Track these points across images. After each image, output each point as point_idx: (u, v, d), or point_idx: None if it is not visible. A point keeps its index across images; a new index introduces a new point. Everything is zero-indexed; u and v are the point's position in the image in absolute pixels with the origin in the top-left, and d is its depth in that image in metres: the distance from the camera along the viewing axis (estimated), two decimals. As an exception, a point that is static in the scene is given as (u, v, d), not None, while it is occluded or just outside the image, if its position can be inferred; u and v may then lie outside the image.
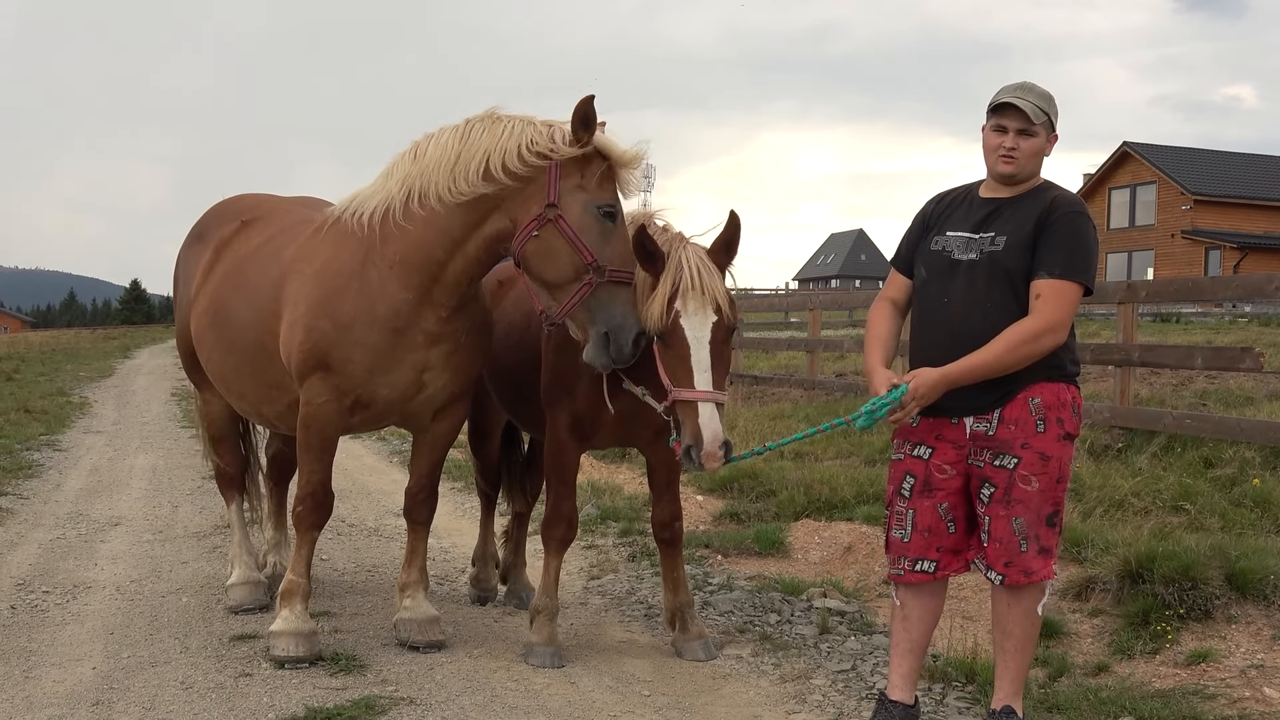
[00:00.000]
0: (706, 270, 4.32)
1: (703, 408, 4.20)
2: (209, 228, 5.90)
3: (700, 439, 4.18)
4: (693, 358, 4.25)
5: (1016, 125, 3.82)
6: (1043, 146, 3.86)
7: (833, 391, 13.96)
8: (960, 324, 3.83)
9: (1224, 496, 7.17)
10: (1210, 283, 10.50)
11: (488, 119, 4.60)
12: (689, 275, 4.28)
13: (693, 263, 4.32)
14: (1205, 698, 4.48)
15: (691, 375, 4.24)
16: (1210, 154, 48.45)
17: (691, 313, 4.26)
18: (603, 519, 8.08)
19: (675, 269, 4.30)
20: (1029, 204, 3.85)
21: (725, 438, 4.20)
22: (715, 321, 4.29)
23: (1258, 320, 27.17)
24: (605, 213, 4.40)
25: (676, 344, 4.27)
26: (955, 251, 3.91)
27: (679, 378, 4.28)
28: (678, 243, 4.44)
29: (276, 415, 5.32)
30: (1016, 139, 3.82)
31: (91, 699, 4.46)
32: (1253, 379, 11.67)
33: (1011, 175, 3.86)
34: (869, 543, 6.97)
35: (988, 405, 3.83)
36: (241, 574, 5.83)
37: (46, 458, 11.60)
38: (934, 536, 3.95)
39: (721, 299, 4.31)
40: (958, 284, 3.88)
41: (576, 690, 4.63)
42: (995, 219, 3.87)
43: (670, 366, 4.31)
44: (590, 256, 4.34)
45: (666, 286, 4.28)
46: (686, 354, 4.26)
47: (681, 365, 4.26)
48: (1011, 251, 3.79)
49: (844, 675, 4.87)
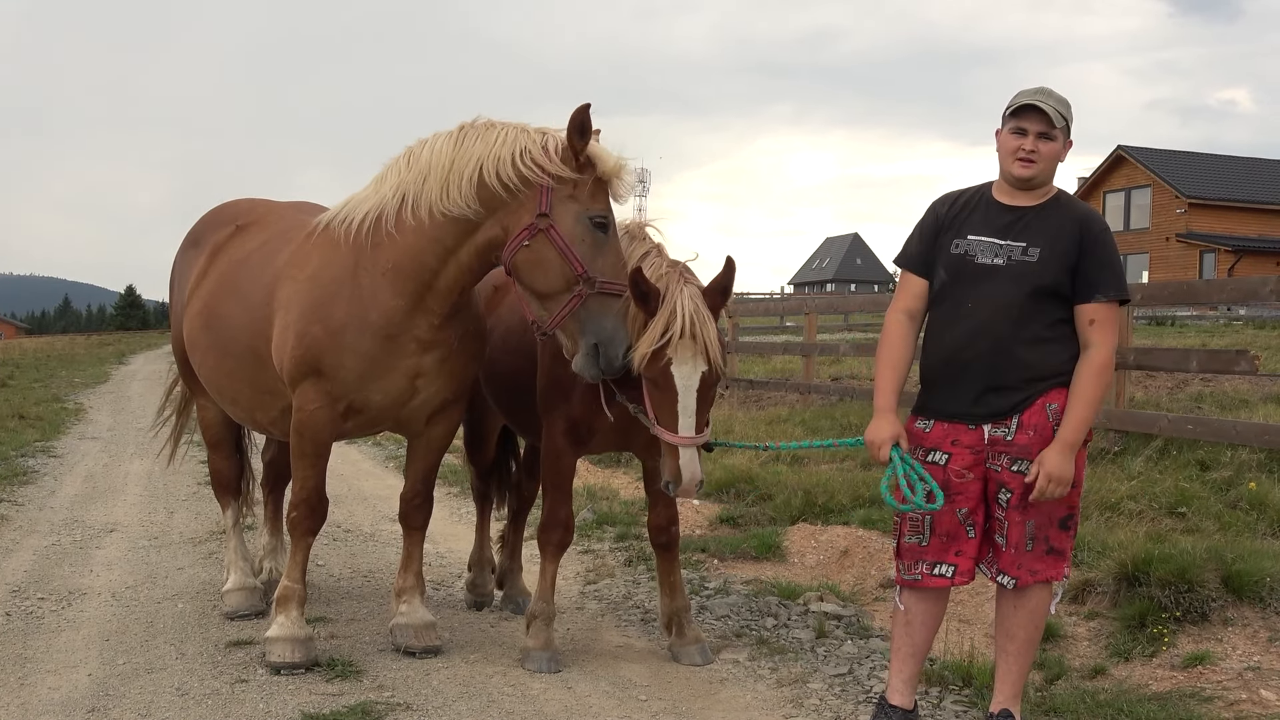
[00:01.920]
0: (700, 318, 4.34)
1: (683, 451, 4.33)
2: (204, 233, 5.90)
3: (678, 479, 4.34)
4: (679, 403, 4.33)
5: (1038, 128, 3.80)
6: (1059, 151, 3.86)
7: (828, 396, 13.95)
8: (985, 328, 3.81)
9: (1220, 499, 7.17)
10: (1205, 286, 10.52)
11: (482, 126, 4.59)
12: (682, 322, 4.29)
13: (687, 309, 4.32)
14: (1202, 700, 4.48)
15: (676, 420, 4.33)
16: (1205, 157, 48.58)
17: (681, 361, 4.31)
18: (599, 524, 8.08)
19: (669, 314, 4.31)
20: (1056, 216, 3.84)
21: (700, 477, 4.38)
22: (705, 371, 4.35)
23: (1252, 323, 27.21)
24: (597, 223, 4.38)
25: (665, 388, 4.34)
26: (979, 255, 3.87)
27: (663, 419, 4.37)
28: (675, 281, 4.43)
29: (270, 421, 5.31)
30: (1036, 142, 3.81)
31: (87, 706, 4.45)
32: (1248, 382, 11.68)
33: (1029, 179, 3.85)
34: (865, 547, 6.97)
35: (1007, 411, 3.82)
36: (237, 580, 5.82)
37: (41, 464, 11.57)
38: (953, 541, 3.93)
39: (713, 350, 4.35)
40: (984, 289, 3.84)
41: (573, 695, 4.63)
42: (1022, 229, 3.84)
43: (656, 404, 4.39)
44: (581, 268, 4.33)
45: (658, 331, 4.29)
46: (673, 400, 4.33)
47: (667, 409, 4.35)
48: (1047, 265, 3.78)
49: (841, 679, 4.87)
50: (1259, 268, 39.97)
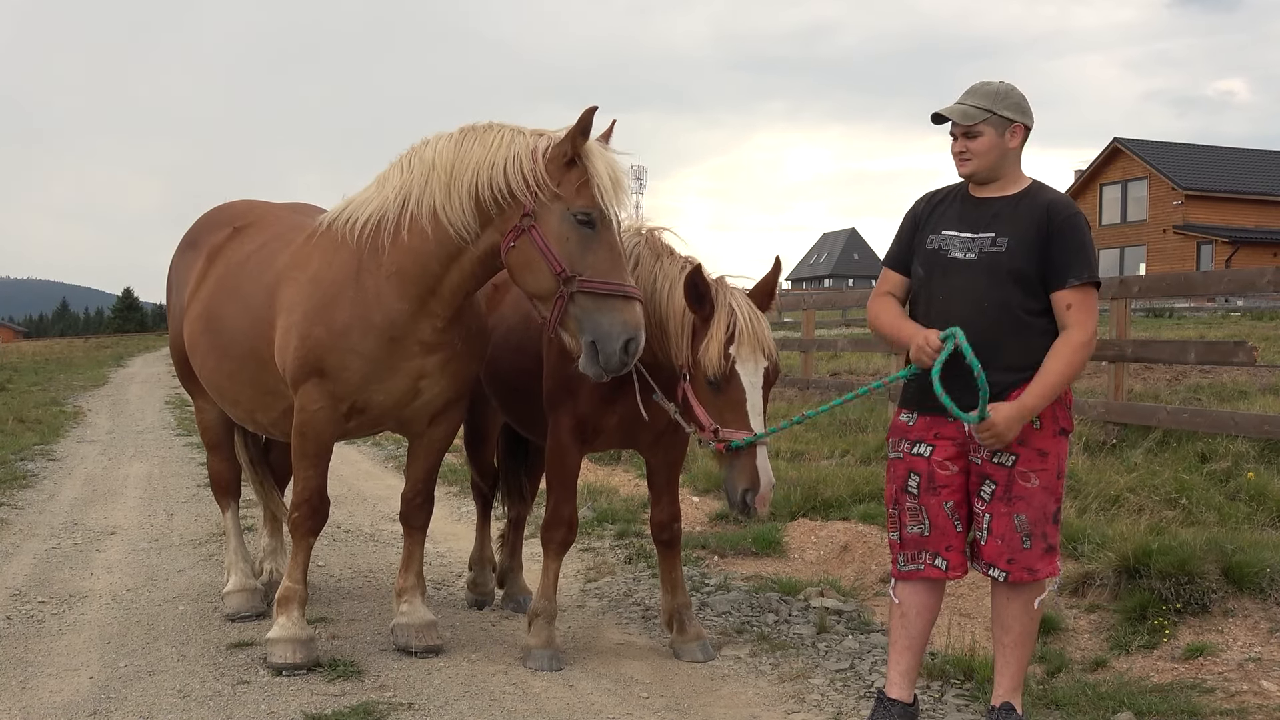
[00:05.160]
0: (756, 317, 4.38)
1: (760, 452, 4.27)
2: (201, 235, 5.89)
3: (758, 483, 4.25)
4: (748, 403, 4.30)
5: (958, 130, 3.94)
6: (996, 141, 3.90)
7: (827, 391, 13.95)
8: (959, 322, 3.84)
9: (1219, 490, 7.18)
10: (1202, 278, 10.53)
11: (481, 128, 4.57)
12: (743, 322, 4.32)
13: (744, 309, 4.36)
14: (1203, 692, 4.49)
15: (747, 419, 4.29)
16: (1201, 149, 48.54)
17: (745, 359, 4.31)
18: (599, 521, 8.08)
19: (728, 314, 4.33)
20: (1025, 206, 3.89)
21: (774, 480, 4.32)
22: (767, 368, 4.36)
23: (1250, 314, 27.22)
24: (581, 220, 4.31)
25: (732, 389, 4.31)
26: (952, 250, 3.94)
27: (730, 420, 4.31)
28: (722, 287, 4.46)
29: (271, 422, 5.31)
30: (963, 142, 3.93)
31: (89, 709, 4.45)
32: (1246, 373, 11.67)
33: (970, 175, 3.97)
34: (865, 542, 6.98)
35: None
36: (238, 581, 5.81)
37: (41, 467, 11.57)
38: (943, 535, 3.96)
39: (771, 346, 4.38)
40: (956, 282, 3.91)
41: (575, 693, 4.63)
42: (993, 220, 3.90)
43: (719, 408, 4.34)
44: (559, 266, 4.28)
45: (721, 332, 4.30)
46: (742, 399, 4.30)
47: (736, 410, 4.31)
48: (1014, 254, 3.82)
49: (842, 674, 4.87)
50: (1256, 259, 39.96)
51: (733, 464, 4.31)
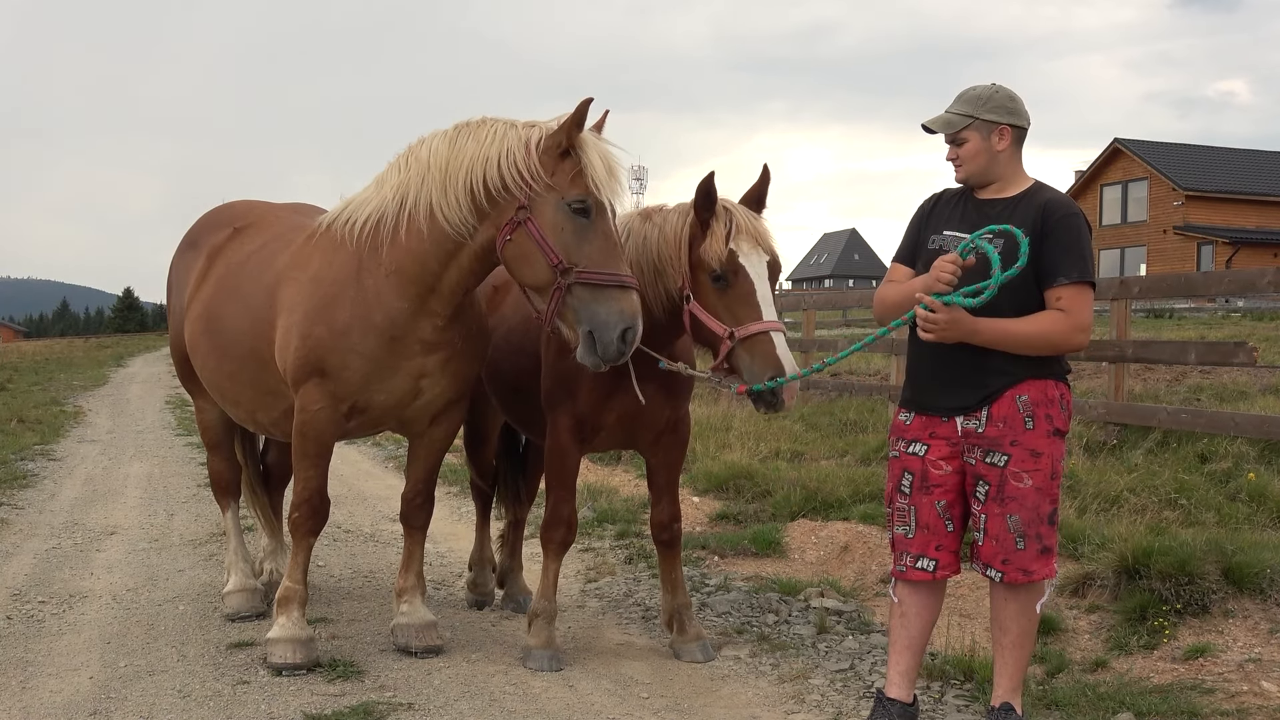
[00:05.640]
0: (753, 216, 4.52)
1: (776, 337, 4.29)
2: (201, 235, 5.89)
3: (782, 368, 4.24)
4: (757, 293, 4.36)
5: (946, 138, 4.00)
6: (982, 145, 3.93)
7: (828, 392, 13.96)
8: None
9: (1219, 491, 7.18)
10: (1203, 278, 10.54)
11: (475, 124, 4.59)
12: (740, 219, 4.44)
13: (739, 209, 4.49)
14: (1203, 692, 4.49)
15: (759, 309, 4.34)
16: (1202, 149, 48.54)
17: (747, 251, 4.40)
18: (599, 521, 8.08)
19: (726, 215, 4.44)
20: (1024, 206, 3.91)
21: (797, 368, 4.28)
22: (769, 260, 4.46)
23: (1250, 315, 27.22)
24: (576, 209, 4.31)
25: (740, 282, 4.37)
26: (951, 250, 3.93)
27: (743, 315, 4.35)
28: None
29: (271, 422, 5.31)
30: (953, 149, 3.99)
31: (89, 708, 4.45)
32: (1246, 374, 11.68)
33: (965, 180, 4.03)
34: (865, 542, 6.98)
35: (975, 403, 3.87)
36: (238, 581, 5.81)
37: (41, 467, 11.57)
38: (933, 534, 3.97)
39: (770, 241, 4.50)
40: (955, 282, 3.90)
41: (575, 693, 4.63)
42: (991, 220, 3.91)
43: (730, 306, 4.38)
44: (556, 257, 4.29)
45: (722, 229, 4.39)
46: (750, 289, 4.36)
47: (745, 302, 4.36)
48: (1010, 254, 3.81)
49: (842, 674, 4.87)
50: (1257, 259, 39.96)
51: (753, 353, 4.30)
